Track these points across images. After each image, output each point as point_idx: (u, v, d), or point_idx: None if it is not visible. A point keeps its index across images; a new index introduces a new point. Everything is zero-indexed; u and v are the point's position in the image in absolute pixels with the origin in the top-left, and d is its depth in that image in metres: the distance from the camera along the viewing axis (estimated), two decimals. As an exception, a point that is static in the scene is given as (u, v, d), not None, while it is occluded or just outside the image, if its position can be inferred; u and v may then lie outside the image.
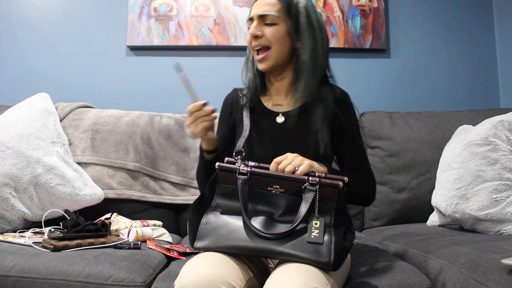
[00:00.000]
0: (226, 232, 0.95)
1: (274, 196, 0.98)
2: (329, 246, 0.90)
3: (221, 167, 1.01)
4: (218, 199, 1.01)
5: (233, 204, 0.99)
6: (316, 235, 0.91)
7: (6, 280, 1.04)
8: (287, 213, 0.96)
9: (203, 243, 0.96)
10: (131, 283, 1.04)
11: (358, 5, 2.17)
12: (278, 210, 0.97)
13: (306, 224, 0.93)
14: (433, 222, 1.58)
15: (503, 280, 0.91)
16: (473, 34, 2.24)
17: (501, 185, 1.33)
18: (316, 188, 0.95)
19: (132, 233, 1.35)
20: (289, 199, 0.97)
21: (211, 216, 0.99)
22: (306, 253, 0.90)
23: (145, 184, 1.71)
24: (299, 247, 0.91)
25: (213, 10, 2.14)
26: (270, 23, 1.15)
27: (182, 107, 1.42)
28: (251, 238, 0.93)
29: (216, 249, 0.95)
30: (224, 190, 1.01)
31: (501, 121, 1.41)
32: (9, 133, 1.47)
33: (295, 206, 0.95)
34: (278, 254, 0.92)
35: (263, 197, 0.98)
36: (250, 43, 1.19)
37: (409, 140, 1.80)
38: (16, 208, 1.40)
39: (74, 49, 2.14)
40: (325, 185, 0.95)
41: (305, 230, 0.92)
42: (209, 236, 0.96)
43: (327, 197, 0.95)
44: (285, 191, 0.98)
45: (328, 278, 0.90)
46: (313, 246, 0.90)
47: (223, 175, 1.01)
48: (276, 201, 0.97)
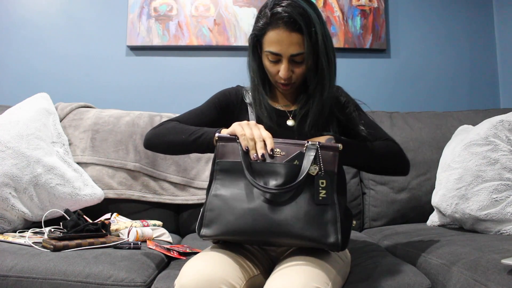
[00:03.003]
0: (232, 218, 0.93)
1: (274, 166, 0.95)
2: (335, 224, 0.91)
3: (221, 137, 1.00)
4: (218, 175, 0.98)
5: (234, 179, 0.96)
6: (324, 195, 0.92)
7: (6, 280, 1.04)
8: (289, 180, 0.94)
9: (209, 231, 0.94)
10: (131, 283, 1.04)
11: (358, 5, 2.17)
12: (280, 178, 0.94)
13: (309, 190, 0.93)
14: (433, 222, 1.58)
15: (503, 280, 0.91)
16: (473, 34, 2.24)
17: (501, 185, 1.33)
18: (317, 147, 0.95)
19: (132, 233, 1.35)
20: (289, 166, 0.95)
21: (214, 201, 0.96)
22: (313, 231, 0.90)
23: (145, 184, 1.71)
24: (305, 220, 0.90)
25: (213, 10, 2.14)
26: (300, 62, 1.10)
27: (182, 107, 1.42)
28: (257, 222, 0.91)
29: (223, 236, 0.94)
30: (223, 165, 0.98)
31: (501, 121, 1.41)
32: (9, 133, 1.47)
33: (296, 172, 0.94)
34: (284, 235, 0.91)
35: (264, 168, 0.96)
36: (275, 75, 1.13)
37: (409, 140, 1.80)
38: (16, 208, 1.40)
39: (74, 49, 2.14)
40: (325, 146, 0.96)
41: (310, 199, 0.92)
42: (214, 223, 0.94)
43: (328, 160, 0.95)
44: (287, 155, 0.96)
45: (329, 277, 0.90)
46: (318, 226, 0.90)
47: (222, 147, 0.99)
48: (277, 170, 0.95)
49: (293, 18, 1.04)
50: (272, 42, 1.08)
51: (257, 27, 1.11)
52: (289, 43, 1.06)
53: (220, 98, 1.24)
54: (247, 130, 0.98)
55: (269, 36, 1.08)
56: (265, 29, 1.09)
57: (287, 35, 1.06)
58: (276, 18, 1.06)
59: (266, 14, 1.08)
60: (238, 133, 0.98)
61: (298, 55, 1.08)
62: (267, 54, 1.11)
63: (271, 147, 0.96)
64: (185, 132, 1.10)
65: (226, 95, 1.24)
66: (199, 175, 1.75)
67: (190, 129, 1.11)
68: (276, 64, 1.11)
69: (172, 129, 1.14)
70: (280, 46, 1.07)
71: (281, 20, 1.05)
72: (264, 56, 1.13)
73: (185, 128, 1.12)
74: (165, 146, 1.16)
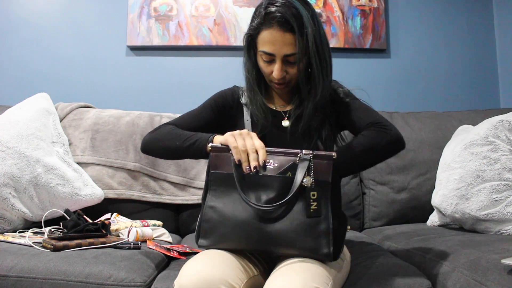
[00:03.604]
0: (226, 231, 0.95)
1: (266, 178, 0.96)
2: (327, 236, 0.92)
3: (214, 148, 1.00)
4: (212, 186, 0.99)
5: (228, 190, 0.97)
6: (315, 207, 0.92)
7: (6, 280, 1.04)
8: (282, 193, 0.94)
9: (205, 242, 0.97)
10: (131, 283, 1.04)
11: (358, 5, 2.17)
12: (272, 192, 0.95)
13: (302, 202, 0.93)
14: (433, 222, 1.59)
15: (503, 280, 0.91)
16: (473, 34, 2.24)
17: (501, 185, 1.33)
18: (310, 157, 0.95)
19: (132, 233, 1.35)
20: (282, 179, 0.95)
21: (209, 212, 0.97)
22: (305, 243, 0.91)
23: (145, 184, 1.71)
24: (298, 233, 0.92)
25: (213, 10, 2.14)
26: (293, 62, 1.09)
27: (182, 107, 1.42)
28: (251, 234, 0.93)
29: (220, 246, 0.96)
30: (217, 177, 0.99)
31: (501, 121, 1.41)
32: (9, 133, 1.47)
33: (289, 185, 0.94)
34: (278, 245, 0.93)
35: (256, 180, 0.96)
36: (268, 75, 1.13)
37: (409, 140, 1.79)
38: (16, 208, 1.40)
39: (74, 49, 2.14)
40: (319, 156, 0.95)
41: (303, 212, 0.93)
42: (210, 234, 0.97)
43: (322, 169, 0.95)
44: (280, 166, 0.96)
45: (328, 277, 0.90)
46: (312, 236, 0.91)
47: (215, 158, 0.99)
48: (269, 183, 0.95)
49: (286, 18, 1.04)
50: (265, 42, 1.08)
51: (252, 27, 1.11)
52: (282, 43, 1.06)
53: (216, 100, 1.24)
54: (240, 141, 0.97)
55: (263, 36, 1.08)
56: (259, 28, 1.09)
57: (280, 35, 1.05)
58: (270, 17, 1.06)
59: (260, 14, 1.08)
60: (231, 145, 0.98)
61: (291, 55, 1.08)
62: (261, 54, 1.11)
63: (263, 158, 0.96)
64: (180, 137, 1.10)
65: (223, 96, 1.25)
66: (199, 175, 1.75)
67: (185, 135, 1.10)
68: (270, 64, 1.11)
69: (167, 135, 1.14)
70: (274, 46, 1.07)
71: (274, 20, 1.05)
72: (259, 56, 1.13)
73: (179, 133, 1.12)
74: (161, 151, 1.17)
